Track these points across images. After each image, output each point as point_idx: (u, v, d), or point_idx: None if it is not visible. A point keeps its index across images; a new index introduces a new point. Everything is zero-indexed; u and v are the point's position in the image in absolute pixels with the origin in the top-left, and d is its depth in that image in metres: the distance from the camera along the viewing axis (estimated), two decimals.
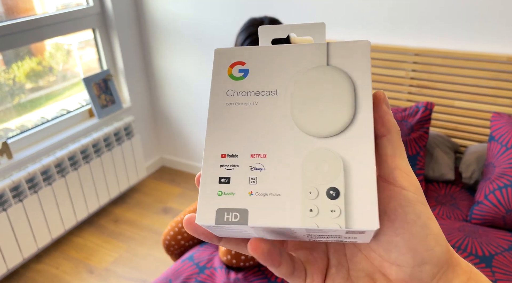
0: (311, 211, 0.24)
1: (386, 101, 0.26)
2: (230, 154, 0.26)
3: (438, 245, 0.25)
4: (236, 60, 0.28)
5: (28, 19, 1.72)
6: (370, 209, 0.24)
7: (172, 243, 1.35)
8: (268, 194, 0.25)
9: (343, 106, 0.26)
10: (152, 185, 2.37)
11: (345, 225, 0.23)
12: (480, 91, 1.50)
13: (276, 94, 0.27)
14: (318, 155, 0.25)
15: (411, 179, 0.25)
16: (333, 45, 0.27)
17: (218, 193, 0.25)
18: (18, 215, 1.67)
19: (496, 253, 1.16)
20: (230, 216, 0.25)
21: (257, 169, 0.26)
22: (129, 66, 2.17)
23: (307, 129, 0.26)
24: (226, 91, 0.28)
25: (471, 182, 1.47)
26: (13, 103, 1.81)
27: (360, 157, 0.25)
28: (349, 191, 0.24)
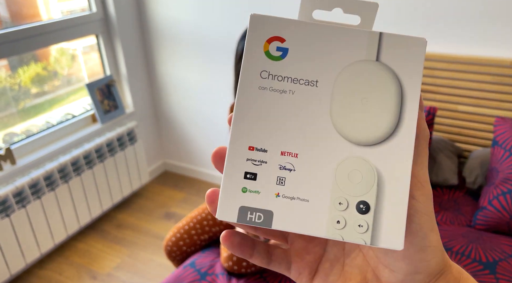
0: (338, 222, 0.23)
1: (421, 103, 0.25)
2: (259, 148, 0.24)
3: (435, 257, 0.25)
4: (275, 35, 0.25)
5: (32, 25, 1.73)
6: (398, 229, 0.23)
7: (174, 249, 1.35)
8: (295, 198, 0.24)
9: (387, 114, 0.24)
10: (155, 190, 2.38)
11: (370, 242, 0.23)
12: (484, 95, 1.49)
13: (316, 86, 0.24)
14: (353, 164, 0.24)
15: (424, 190, 0.25)
16: (387, 36, 0.25)
17: (243, 189, 0.24)
18: (21, 221, 1.67)
19: (500, 259, 1.15)
20: (254, 216, 0.24)
21: (286, 169, 0.24)
22: (132, 71, 2.18)
23: (345, 133, 0.24)
24: (261, 72, 0.25)
25: (474, 187, 1.46)
26: (19, 108, 1.82)
27: (397, 173, 0.23)
28: (379, 208, 0.23)
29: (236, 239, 0.26)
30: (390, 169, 0.23)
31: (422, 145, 0.25)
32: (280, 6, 1.79)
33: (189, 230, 1.34)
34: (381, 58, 0.24)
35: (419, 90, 0.24)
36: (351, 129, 0.24)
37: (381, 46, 0.24)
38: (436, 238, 0.25)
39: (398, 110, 0.24)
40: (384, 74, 0.24)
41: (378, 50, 0.24)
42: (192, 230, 1.33)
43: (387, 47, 0.24)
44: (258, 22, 0.25)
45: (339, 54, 0.24)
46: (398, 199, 0.23)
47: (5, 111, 1.77)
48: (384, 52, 0.24)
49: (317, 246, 0.29)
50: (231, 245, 0.26)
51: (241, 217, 0.24)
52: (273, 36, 0.25)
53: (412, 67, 0.24)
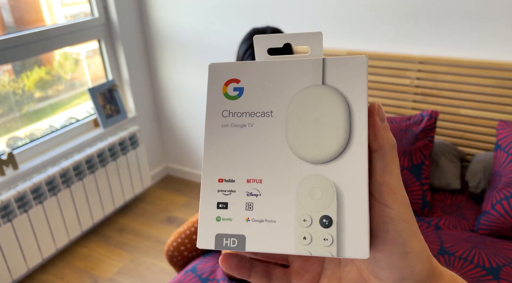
0: (304, 239, 0.25)
1: (381, 114, 0.26)
2: (227, 179, 0.27)
3: (420, 263, 0.25)
4: (230, 78, 0.28)
5: (36, 30, 1.74)
6: (361, 238, 0.24)
7: (175, 254, 1.35)
8: (264, 220, 0.26)
9: (337, 131, 0.25)
10: (157, 194, 2.38)
11: (336, 253, 0.24)
12: (486, 99, 1.49)
13: (271, 116, 0.27)
14: (312, 181, 0.25)
15: (397, 196, 0.25)
16: (329, 61, 0.27)
17: (217, 218, 0.26)
18: (23, 226, 1.67)
19: (503, 264, 1.14)
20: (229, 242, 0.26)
21: (253, 194, 0.26)
22: (134, 76, 2.19)
23: (302, 154, 0.26)
24: (222, 111, 0.28)
25: (477, 192, 1.45)
26: (22, 112, 1.82)
27: (353, 185, 0.25)
28: (341, 220, 0.25)
29: (234, 261, 0.28)
30: (347, 182, 0.25)
31: (389, 154, 0.25)
32: (280, 8, 1.79)
33: (190, 235, 1.33)
34: (326, 81, 0.26)
35: (365, 104, 0.25)
36: (307, 150, 0.26)
37: (325, 70, 0.26)
38: (418, 243, 0.25)
39: (347, 127, 0.25)
40: (330, 95, 0.26)
41: (323, 74, 0.26)
42: (194, 235, 1.33)
43: (330, 70, 0.26)
44: (216, 69, 0.28)
45: (289, 84, 0.27)
46: (357, 209, 0.24)
47: (9, 115, 1.77)
48: (328, 75, 0.26)
49: (315, 264, 0.29)
50: (229, 267, 0.28)
51: (218, 244, 0.26)
52: (229, 79, 0.28)
53: (356, 84, 0.26)
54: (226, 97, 0.28)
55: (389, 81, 1.63)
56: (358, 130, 0.25)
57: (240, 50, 1.25)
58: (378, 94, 1.67)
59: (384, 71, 1.63)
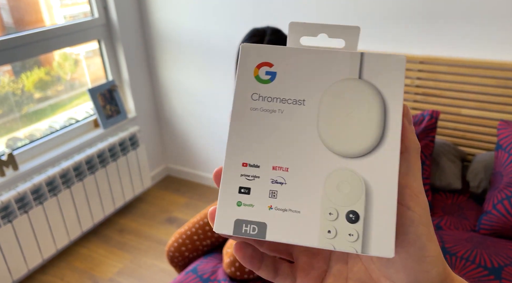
0: (329, 232, 0.24)
1: (409, 116, 0.26)
2: (251, 164, 0.26)
3: (435, 267, 0.25)
4: (263, 60, 0.27)
5: (35, 31, 1.74)
6: (387, 237, 0.24)
7: (176, 254, 1.34)
8: (287, 210, 0.25)
9: (371, 126, 0.25)
10: (157, 194, 2.37)
11: (361, 250, 0.24)
12: (487, 98, 1.48)
13: (304, 104, 0.26)
14: (341, 175, 0.25)
15: (419, 200, 0.25)
16: (367, 56, 0.26)
17: (238, 203, 0.25)
18: (23, 226, 1.67)
19: (505, 264, 1.14)
20: (248, 228, 0.25)
21: (278, 182, 0.25)
22: (134, 76, 2.18)
23: (332, 146, 0.25)
24: (251, 94, 0.27)
25: (478, 192, 1.45)
26: (22, 113, 1.82)
27: (383, 182, 0.24)
28: (368, 216, 0.24)
29: (248, 251, 0.27)
30: (377, 179, 0.24)
31: (413, 157, 0.25)
32: (280, 9, 1.79)
33: (191, 236, 1.33)
34: (363, 75, 0.26)
35: (401, 104, 0.25)
36: (338, 143, 0.25)
37: (362, 65, 0.26)
38: (435, 248, 0.25)
39: (382, 123, 0.25)
40: (366, 90, 0.25)
41: (360, 68, 0.26)
42: (194, 236, 1.33)
43: (368, 66, 0.26)
44: (249, 50, 0.27)
45: (324, 74, 0.26)
46: (386, 207, 0.24)
47: (8, 116, 1.77)
48: (365, 70, 0.26)
49: (321, 261, 0.29)
50: (243, 256, 0.27)
51: (236, 230, 0.25)
52: (262, 62, 0.27)
53: (393, 82, 0.26)
54: (257, 80, 0.27)
55: None
56: (392, 128, 0.25)
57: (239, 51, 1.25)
58: None
59: None
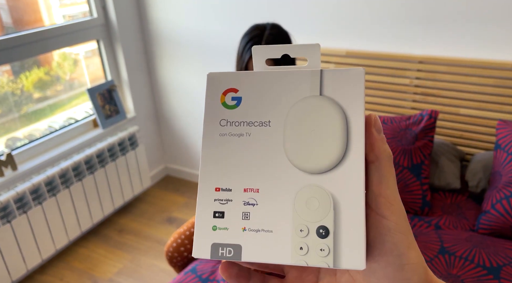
0: (301, 249, 0.25)
1: (378, 126, 0.26)
2: (224, 188, 0.27)
3: (416, 275, 0.25)
4: (229, 87, 0.28)
5: (34, 31, 1.74)
6: (357, 249, 0.24)
7: (175, 255, 1.34)
8: (260, 230, 0.25)
9: (334, 142, 0.26)
10: (157, 194, 2.37)
11: (333, 264, 0.24)
12: (486, 98, 1.49)
13: (269, 125, 0.27)
14: (309, 192, 0.25)
15: (394, 208, 0.25)
16: (327, 72, 0.27)
17: (213, 227, 0.26)
18: (23, 227, 1.67)
19: (504, 264, 1.14)
20: (225, 251, 0.26)
21: (250, 204, 0.26)
22: (133, 76, 2.18)
23: (299, 164, 0.26)
24: (220, 120, 0.28)
25: (477, 191, 1.45)
26: (21, 113, 1.82)
27: (350, 195, 0.25)
28: (338, 230, 0.25)
29: (234, 270, 0.27)
30: (344, 192, 0.25)
31: (385, 166, 0.26)
32: (280, 9, 1.79)
33: (190, 236, 1.33)
34: (324, 92, 0.26)
35: (362, 115, 0.26)
36: (304, 160, 0.26)
37: (323, 82, 0.27)
38: (414, 255, 0.25)
39: (344, 137, 0.26)
40: (327, 105, 0.26)
41: (321, 85, 0.27)
42: (193, 236, 1.33)
43: (328, 82, 0.27)
44: (214, 78, 0.28)
45: (287, 94, 0.27)
46: (354, 220, 0.24)
47: (8, 116, 1.77)
48: (326, 86, 0.27)
49: (310, 275, 0.29)
50: (229, 275, 0.27)
51: (213, 253, 0.26)
52: (227, 88, 0.28)
53: (353, 95, 0.26)
54: (224, 106, 0.28)
55: (389, 81, 1.63)
56: (355, 141, 0.25)
57: (241, 44, 1.25)
58: (378, 94, 1.67)
59: (384, 71, 1.63)
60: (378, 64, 1.63)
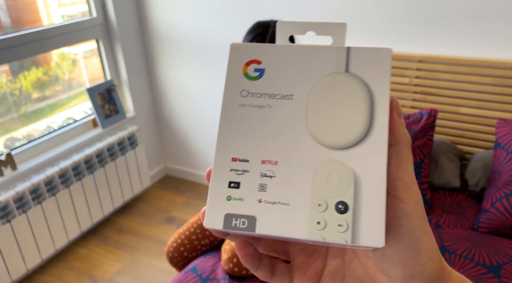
0: (318, 223, 0.24)
1: (399, 110, 0.26)
2: (241, 159, 0.26)
3: (431, 260, 0.25)
4: (252, 58, 0.28)
5: (32, 30, 1.73)
6: (377, 226, 0.24)
7: (175, 255, 1.34)
8: (277, 202, 0.25)
9: (358, 118, 0.25)
10: (156, 194, 2.37)
11: (351, 241, 0.24)
12: (485, 97, 1.49)
13: (292, 99, 0.26)
14: (329, 167, 0.25)
15: (411, 192, 0.25)
16: (353, 50, 0.27)
17: (227, 198, 0.25)
18: (22, 226, 1.67)
19: (504, 262, 1.14)
20: (238, 222, 0.25)
21: (267, 176, 0.25)
22: (132, 76, 2.18)
23: (320, 139, 0.25)
24: (240, 91, 0.27)
25: (477, 190, 1.45)
26: (20, 113, 1.82)
27: (372, 172, 0.24)
28: (358, 207, 0.24)
29: (250, 249, 0.27)
30: (365, 169, 0.24)
31: (404, 149, 0.25)
32: (279, 8, 1.79)
33: (189, 236, 1.33)
34: (350, 69, 0.26)
35: (388, 95, 0.25)
36: (326, 135, 0.25)
37: (349, 59, 0.26)
38: (430, 240, 0.25)
39: (369, 114, 0.25)
40: (353, 82, 0.26)
41: (347, 62, 0.26)
42: (193, 235, 1.33)
43: (354, 59, 0.26)
44: (237, 48, 0.28)
45: (311, 69, 0.27)
46: (375, 197, 0.24)
47: (6, 116, 1.76)
48: (352, 63, 0.26)
49: (317, 260, 0.29)
50: (245, 254, 0.27)
51: (226, 224, 0.25)
52: (250, 60, 0.28)
53: (379, 74, 0.26)
54: (246, 77, 0.27)
55: None
56: (379, 120, 0.25)
57: (244, 41, 1.24)
58: None
59: None
60: None
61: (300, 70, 0.27)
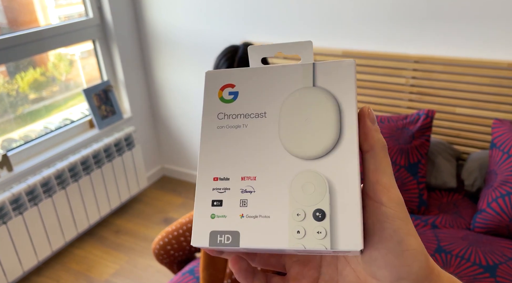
0: (298, 232, 0.25)
1: (371, 117, 0.27)
2: (222, 177, 0.27)
3: (416, 261, 0.25)
4: (226, 83, 0.29)
5: (29, 31, 1.73)
6: (354, 230, 0.24)
7: (161, 252, 1.35)
8: (258, 216, 0.26)
9: (328, 128, 0.26)
10: (153, 195, 2.37)
11: (330, 246, 0.24)
12: (482, 97, 1.49)
13: (265, 116, 0.28)
14: (304, 177, 0.26)
15: (392, 194, 0.25)
16: (319, 65, 0.28)
17: (211, 216, 0.27)
18: (18, 228, 1.66)
19: (500, 262, 1.14)
20: (223, 239, 0.26)
21: (247, 191, 0.27)
22: (129, 76, 2.18)
23: (294, 151, 0.27)
24: (217, 114, 0.29)
25: (473, 190, 1.45)
26: (16, 114, 1.81)
27: (345, 178, 0.25)
28: (334, 213, 0.25)
29: (244, 264, 0.28)
30: (338, 176, 0.26)
31: (380, 154, 0.26)
32: (275, 8, 1.79)
33: (178, 236, 1.34)
34: (317, 83, 0.28)
35: (354, 104, 0.27)
36: (299, 147, 0.27)
37: (315, 74, 0.28)
38: (414, 241, 0.25)
39: (337, 123, 0.26)
40: (320, 95, 0.27)
41: (314, 77, 0.28)
42: (181, 237, 1.34)
43: (320, 74, 0.28)
44: (212, 75, 0.30)
45: (281, 87, 0.28)
46: (350, 202, 0.25)
47: (3, 117, 1.76)
48: (319, 78, 0.28)
49: (312, 270, 0.29)
50: (240, 269, 0.28)
51: (212, 241, 0.26)
52: (224, 84, 0.29)
53: (345, 85, 0.27)
54: (222, 101, 0.29)
55: (385, 80, 1.63)
56: (348, 127, 0.26)
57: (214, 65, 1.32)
58: (374, 94, 1.67)
59: (380, 71, 1.63)
60: (374, 63, 1.63)
61: (271, 89, 0.28)
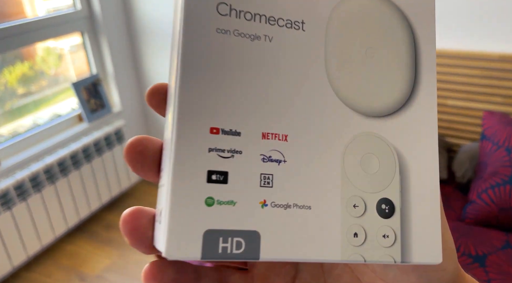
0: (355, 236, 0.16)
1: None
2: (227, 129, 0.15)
3: (453, 264, 0.19)
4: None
5: (14, 23, 1.70)
6: (432, 235, 0.17)
7: None
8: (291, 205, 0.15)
9: (401, 68, 0.17)
10: (145, 189, 2.35)
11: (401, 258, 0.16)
12: (472, 89, 1.49)
13: (303, 29, 0.16)
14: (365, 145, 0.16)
15: None
16: None
17: (207, 201, 0.15)
18: (7, 223, 1.64)
19: (489, 252, 1.15)
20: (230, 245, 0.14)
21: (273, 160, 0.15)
22: (118, 69, 2.15)
23: (350, 98, 0.16)
24: (217, 4, 0.15)
25: (464, 181, 1.46)
26: (5, 109, 1.78)
27: (421, 153, 0.17)
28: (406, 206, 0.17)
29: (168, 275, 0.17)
30: (411, 149, 0.17)
31: None
32: None
33: None
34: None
35: (434, 36, 0.18)
36: (358, 93, 0.16)
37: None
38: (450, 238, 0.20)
39: (413, 65, 0.17)
40: (391, 14, 0.17)
41: None
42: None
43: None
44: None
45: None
46: (427, 191, 0.17)
47: None
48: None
49: (287, 265, 0.21)
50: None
51: (208, 249, 0.14)
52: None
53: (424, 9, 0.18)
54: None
55: None
56: (427, 72, 0.17)
57: None
58: None
59: None
60: None
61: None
